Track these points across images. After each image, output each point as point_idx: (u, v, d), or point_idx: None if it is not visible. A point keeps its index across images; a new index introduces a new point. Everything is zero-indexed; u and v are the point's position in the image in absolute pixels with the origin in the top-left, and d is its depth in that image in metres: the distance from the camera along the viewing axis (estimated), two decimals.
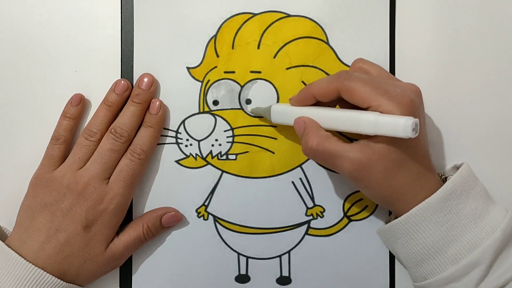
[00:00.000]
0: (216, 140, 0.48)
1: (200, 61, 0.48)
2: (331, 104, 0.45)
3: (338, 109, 0.43)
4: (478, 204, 0.43)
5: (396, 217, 0.44)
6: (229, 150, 0.48)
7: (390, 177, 0.41)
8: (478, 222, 0.42)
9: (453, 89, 0.48)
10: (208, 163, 0.48)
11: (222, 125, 0.48)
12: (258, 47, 0.48)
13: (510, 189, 0.48)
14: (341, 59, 0.48)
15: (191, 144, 0.48)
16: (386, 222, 0.45)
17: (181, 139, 0.48)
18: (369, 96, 0.40)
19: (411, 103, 0.40)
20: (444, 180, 0.44)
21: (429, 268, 0.43)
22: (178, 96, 0.48)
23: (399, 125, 0.38)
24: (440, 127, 0.49)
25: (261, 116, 0.48)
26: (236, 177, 0.48)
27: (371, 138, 0.41)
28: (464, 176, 0.43)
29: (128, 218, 0.48)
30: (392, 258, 0.49)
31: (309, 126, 0.43)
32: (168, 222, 0.47)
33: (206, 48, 0.48)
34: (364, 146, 0.41)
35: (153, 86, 0.47)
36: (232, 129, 0.48)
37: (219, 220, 0.49)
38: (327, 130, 0.43)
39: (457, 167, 0.45)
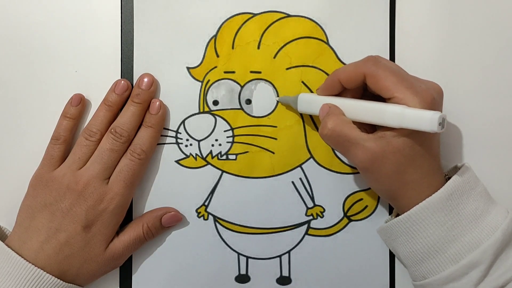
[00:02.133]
0: (216, 140, 0.48)
1: (200, 61, 0.48)
2: (355, 96, 0.45)
3: (364, 100, 0.43)
4: (479, 204, 0.43)
5: (397, 215, 0.44)
6: (229, 150, 0.48)
7: (401, 171, 0.41)
8: (479, 222, 0.42)
9: (453, 89, 0.48)
10: (208, 163, 0.48)
11: (222, 125, 0.48)
12: (258, 47, 0.48)
13: (510, 190, 0.48)
14: (341, 59, 0.48)
15: (191, 144, 0.48)
16: (387, 221, 0.45)
17: (181, 139, 0.48)
18: (394, 86, 0.40)
19: (434, 101, 0.41)
20: (448, 179, 0.44)
21: (429, 267, 0.43)
22: (178, 96, 0.48)
23: (426, 119, 0.38)
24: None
25: (288, 104, 0.47)
26: (236, 177, 0.48)
27: (389, 131, 0.41)
28: (465, 176, 0.43)
29: (128, 218, 0.48)
30: (392, 258, 0.49)
31: (332, 110, 0.43)
32: (168, 222, 0.47)
33: (206, 48, 0.48)
34: (380, 138, 0.41)
35: (153, 86, 0.47)
36: (232, 129, 0.48)
37: (219, 220, 0.49)
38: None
39: (458, 168, 0.45)
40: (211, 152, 0.48)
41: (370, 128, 0.44)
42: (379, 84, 0.41)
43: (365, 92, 0.45)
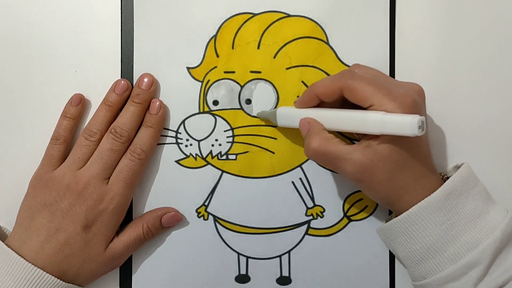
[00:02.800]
0: (216, 140, 0.48)
1: (200, 61, 0.48)
2: (334, 106, 0.45)
3: (343, 110, 0.43)
4: (478, 204, 0.43)
5: (396, 216, 0.44)
6: (229, 150, 0.48)
7: (392, 178, 0.41)
8: (478, 222, 0.42)
9: (453, 89, 0.48)
10: (208, 163, 0.48)
11: (222, 125, 0.48)
12: (258, 47, 0.48)
13: (509, 189, 0.48)
14: (341, 59, 0.48)
15: (191, 144, 0.48)
16: (386, 221, 0.45)
17: (181, 139, 0.48)
18: (372, 95, 0.40)
19: (414, 103, 0.41)
20: (446, 179, 0.44)
21: (428, 267, 0.43)
22: (178, 96, 0.48)
23: (406, 123, 0.38)
24: (440, 127, 0.49)
25: (267, 119, 0.48)
26: (236, 177, 0.48)
27: (373, 139, 0.41)
28: (464, 176, 0.43)
29: (128, 218, 0.48)
30: (392, 258, 0.49)
31: (312, 127, 0.43)
32: (168, 222, 0.47)
33: (206, 48, 0.48)
34: (366, 148, 0.41)
35: (153, 86, 0.47)
36: (232, 129, 0.48)
37: (219, 220, 0.48)
38: (331, 131, 0.43)
39: (457, 167, 0.45)
40: (211, 152, 0.48)
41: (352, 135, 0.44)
42: (357, 96, 0.41)
43: (344, 101, 0.44)
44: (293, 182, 0.49)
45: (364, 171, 0.41)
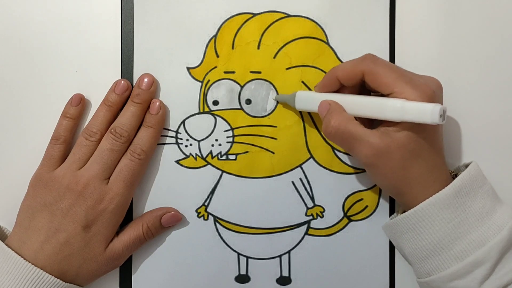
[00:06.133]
0: (216, 140, 0.48)
1: (200, 61, 0.48)
2: (353, 92, 0.45)
3: (363, 96, 0.43)
4: (486, 202, 0.43)
5: (404, 211, 0.44)
6: (229, 150, 0.48)
7: (406, 166, 0.41)
8: (485, 221, 0.42)
9: (454, 89, 0.48)
10: (208, 163, 0.48)
11: (222, 125, 0.48)
12: (258, 47, 0.48)
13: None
14: (341, 59, 0.48)
15: (191, 144, 0.48)
16: (392, 218, 0.45)
17: (181, 139, 0.48)
18: (394, 82, 0.41)
19: (434, 94, 0.41)
20: (454, 177, 0.44)
21: (434, 264, 0.43)
22: (178, 96, 0.48)
23: (427, 111, 0.39)
24: (442, 126, 0.48)
25: (285, 102, 0.47)
26: (236, 177, 0.48)
27: (392, 126, 0.41)
28: (472, 174, 0.43)
29: (128, 218, 0.48)
30: (392, 258, 0.49)
31: (333, 107, 0.43)
32: (168, 222, 0.47)
33: (206, 48, 0.48)
34: (384, 133, 0.41)
35: (153, 86, 0.47)
36: (232, 129, 0.48)
37: (219, 220, 0.49)
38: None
39: (466, 165, 0.45)
40: (211, 152, 0.48)
41: (370, 124, 0.44)
42: (378, 81, 0.41)
43: (363, 89, 0.45)
44: (293, 182, 0.49)
45: (380, 156, 0.41)
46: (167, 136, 0.48)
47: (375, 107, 0.41)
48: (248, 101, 0.48)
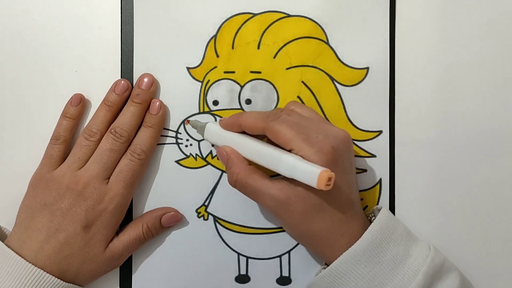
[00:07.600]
0: None
1: (200, 61, 0.48)
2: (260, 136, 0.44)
3: (264, 144, 0.43)
4: (400, 248, 0.42)
5: (327, 265, 0.43)
6: None
7: (309, 220, 0.41)
8: (400, 268, 0.42)
9: (453, 89, 0.48)
10: (208, 163, 0.48)
11: None
12: (258, 47, 0.48)
13: (510, 190, 0.48)
14: (341, 59, 0.48)
15: (191, 144, 0.48)
16: (316, 274, 0.45)
17: (181, 139, 0.48)
18: (291, 140, 0.41)
19: (332, 150, 0.41)
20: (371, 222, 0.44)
21: None
22: (178, 96, 0.48)
23: (314, 176, 0.38)
24: (440, 127, 0.48)
25: (195, 129, 0.47)
26: None
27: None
28: (382, 222, 0.43)
29: (128, 218, 0.48)
30: None
31: (231, 158, 0.43)
32: (167, 222, 0.47)
33: (206, 48, 0.48)
34: (285, 185, 0.41)
35: (153, 86, 0.47)
36: None
37: (219, 220, 0.49)
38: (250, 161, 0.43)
39: (378, 209, 0.45)
40: (211, 152, 0.48)
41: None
42: (279, 139, 0.41)
43: None
44: None
45: (281, 207, 0.41)
46: (167, 136, 0.48)
47: (272, 160, 0.41)
48: (248, 101, 0.48)
